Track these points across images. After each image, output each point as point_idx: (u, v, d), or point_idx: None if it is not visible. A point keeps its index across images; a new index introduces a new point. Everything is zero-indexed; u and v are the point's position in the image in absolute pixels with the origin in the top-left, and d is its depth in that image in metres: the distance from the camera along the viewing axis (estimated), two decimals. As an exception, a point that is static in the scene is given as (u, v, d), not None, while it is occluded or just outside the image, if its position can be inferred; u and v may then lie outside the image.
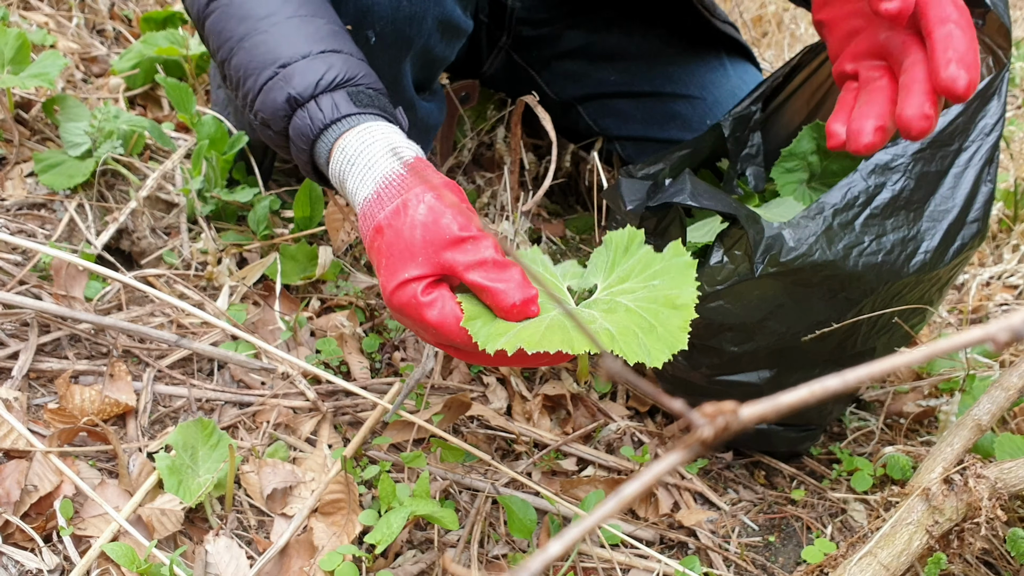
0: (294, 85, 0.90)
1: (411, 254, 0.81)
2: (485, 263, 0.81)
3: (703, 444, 0.28)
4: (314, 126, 0.90)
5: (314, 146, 0.91)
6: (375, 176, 0.86)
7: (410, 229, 0.81)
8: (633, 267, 0.89)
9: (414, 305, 0.81)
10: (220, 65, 0.98)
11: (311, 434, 1.16)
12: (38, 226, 1.32)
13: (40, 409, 1.07)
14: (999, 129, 1.03)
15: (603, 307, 0.86)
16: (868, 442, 1.35)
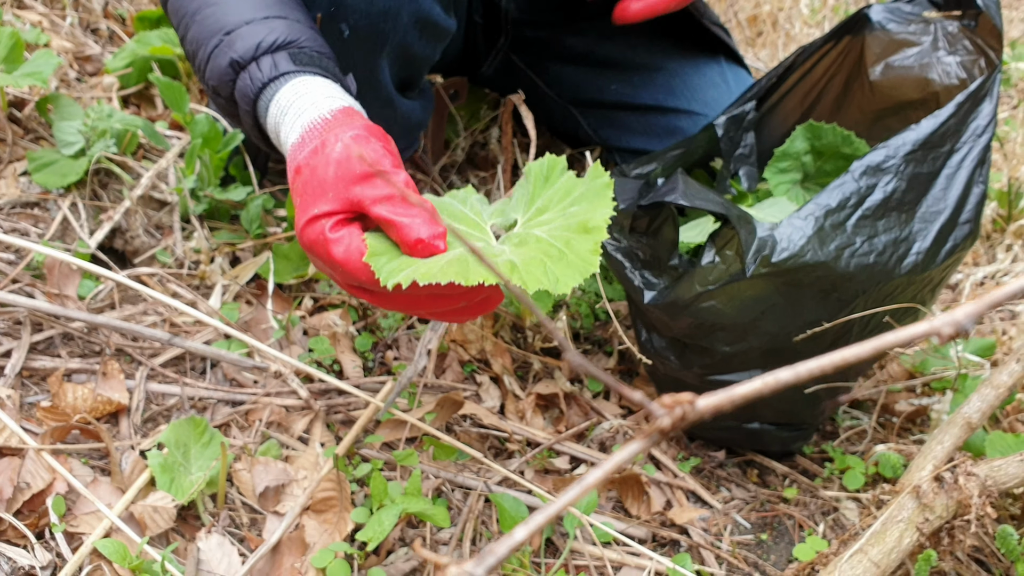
0: (236, 49, 0.93)
1: (323, 191, 0.82)
2: (393, 198, 0.80)
3: (662, 433, 0.29)
4: (253, 85, 0.92)
5: (255, 106, 0.93)
6: (302, 122, 0.87)
7: (324, 166, 0.82)
8: (552, 196, 0.88)
9: (321, 242, 0.81)
10: (181, 43, 1.01)
11: (303, 432, 1.16)
12: (31, 225, 1.32)
13: (33, 407, 1.07)
14: (991, 130, 1.04)
15: (515, 241, 0.84)
16: (861, 441, 1.36)
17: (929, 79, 1.13)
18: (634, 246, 1.11)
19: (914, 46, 1.15)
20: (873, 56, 1.18)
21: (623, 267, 1.11)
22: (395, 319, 1.34)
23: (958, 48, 1.12)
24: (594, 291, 1.49)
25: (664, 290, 1.08)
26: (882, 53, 1.17)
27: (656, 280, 1.10)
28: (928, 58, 1.14)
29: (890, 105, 1.19)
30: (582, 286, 1.47)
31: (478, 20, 1.55)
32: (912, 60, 1.15)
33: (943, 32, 1.14)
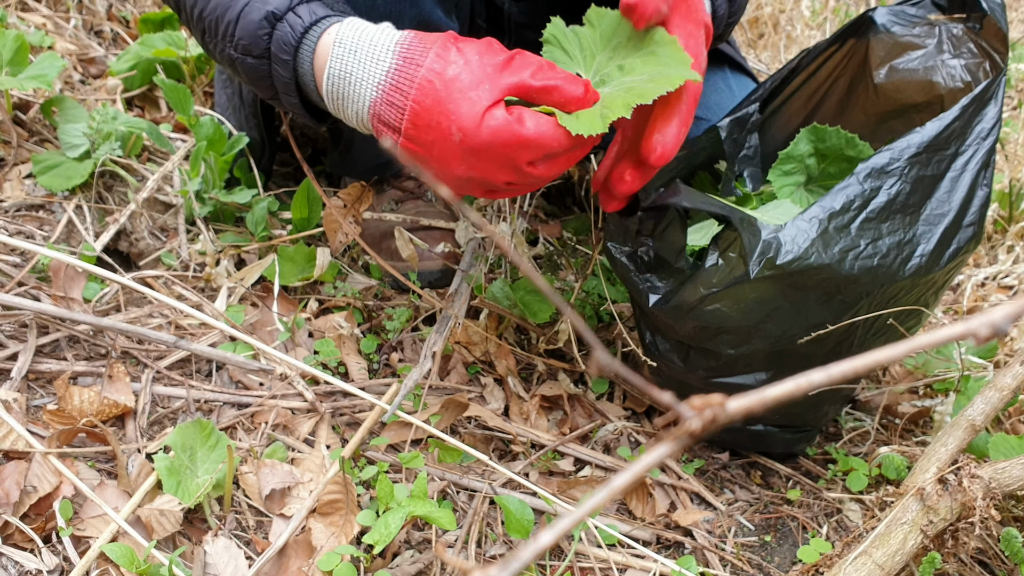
0: (269, 3, 0.93)
1: (477, 86, 0.84)
2: (540, 68, 0.87)
3: (691, 436, 0.29)
4: (294, 32, 0.92)
5: (297, 55, 0.93)
6: (389, 46, 0.89)
7: (467, 65, 0.85)
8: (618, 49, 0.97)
9: (507, 126, 0.84)
10: (198, 18, 1.01)
11: (309, 435, 1.16)
12: (36, 227, 1.32)
13: (39, 410, 1.07)
14: (995, 133, 1.04)
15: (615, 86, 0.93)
16: (864, 442, 1.36)
17: (934, 82, 1.14)
18: (639, 249, 1.11)
19: (919, 49, 1.15)
20: (877, 59, 1.18)
21: (628, 270, 1.12)
22: (400, 321, 1.35)
23: (963, 51, 1.13)
24: (597, 293, 1.50)
25: (669, 293, 1.08)
26: (886, 56, 1.17)
27: (661, 283, 1.10)
28: (933, 61, 1.14)
29: (894, 108, 1.20)
30: (585, 288, 1.47)
31: (481, 23, 1.55)
32: (917, 63, 1.15)
33: (948, 35, 1.14)
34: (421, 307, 1.39)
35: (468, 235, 1.48)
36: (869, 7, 2.92)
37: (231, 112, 1.46)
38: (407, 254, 1.36)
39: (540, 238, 1.63)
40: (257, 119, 1.40)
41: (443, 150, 0.86)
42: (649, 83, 0.88)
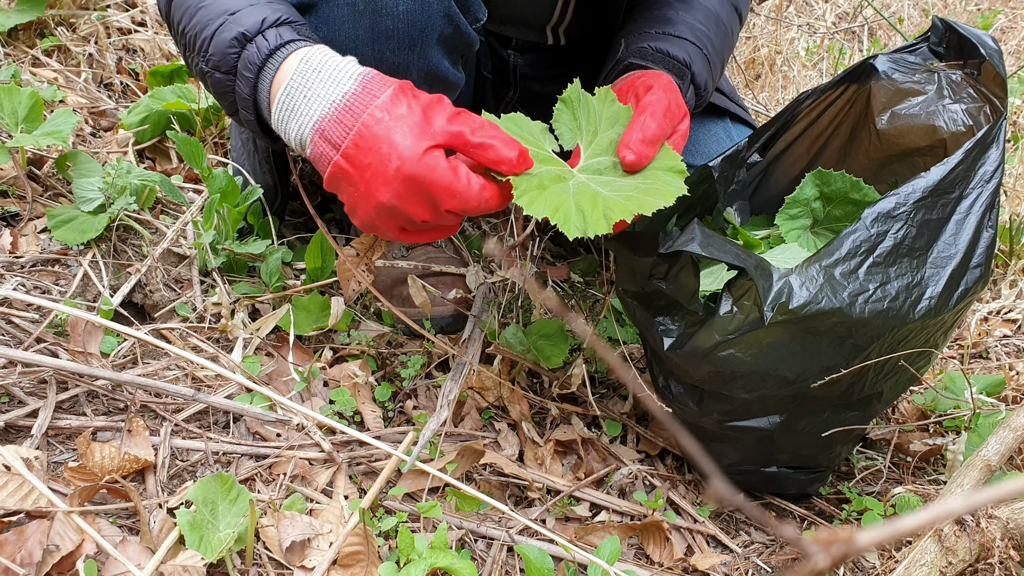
0: (241, 24, 1.00)
1: (423, 126, 0.92)
2: (484, 126, 0.94)
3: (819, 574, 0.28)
4: (260, 53, 0.99)
5: (260, 73, 1.00)
6: (353, 74, 0.96)
7: (417, 108, 0.93)
8: (598, 121, 1.06)
9: (442, 169, 0.91)
10: (181, 33, 1.08)
11: (327, 485, 1.16)
12: (52, 282, 1.33)
13: (60, 467, 1.08)
14: (998, 176, 1.06)
15: (594, 169, 1.02)
16: (876, 481, 1.37)
17: (936, 126, 1.16)
18: (651, 292, 1.13)
19: (920, 95, 1.17)
20: (879, 105, 1.21)
21: (641, 313, 1.13)
22: (414, 368, 1.36)
23: (963, 96, 1.15)
24: (608, 335, 1.51)
25: (682, 337, 1.09)
26: (888, 102, 1.19)
27: (674, 326, 1.11)
28: (934, 106, 1.16)
29: (897, 152, 1.22)
30: (597, 330, 1.48)
31: (487, 75, 1.58)
32: (918, 108, 1.17)
33: (947, 81, 1.16)
34: (434, 353, 1.40)
35: (479, 280, 1.49)
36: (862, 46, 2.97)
37: (245, 157, 1.48)
38: (420, 301, 1.38)
39: (548, 281, 1.64)
40: (270, 164, 1.43)
41: (376, 174, 0.92)
42: (647, 195, 0.96)
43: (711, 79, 1.27)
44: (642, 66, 1.22)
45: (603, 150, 1.04)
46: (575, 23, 1.51)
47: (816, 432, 1.18)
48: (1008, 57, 3.21)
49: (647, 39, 1.24)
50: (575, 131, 1.05)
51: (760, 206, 1.37)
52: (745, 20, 1.45)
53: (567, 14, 1.48)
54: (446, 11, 1.16)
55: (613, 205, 0.94)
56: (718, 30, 1.30)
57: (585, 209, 0.93)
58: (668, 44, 1.23)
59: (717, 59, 1.29)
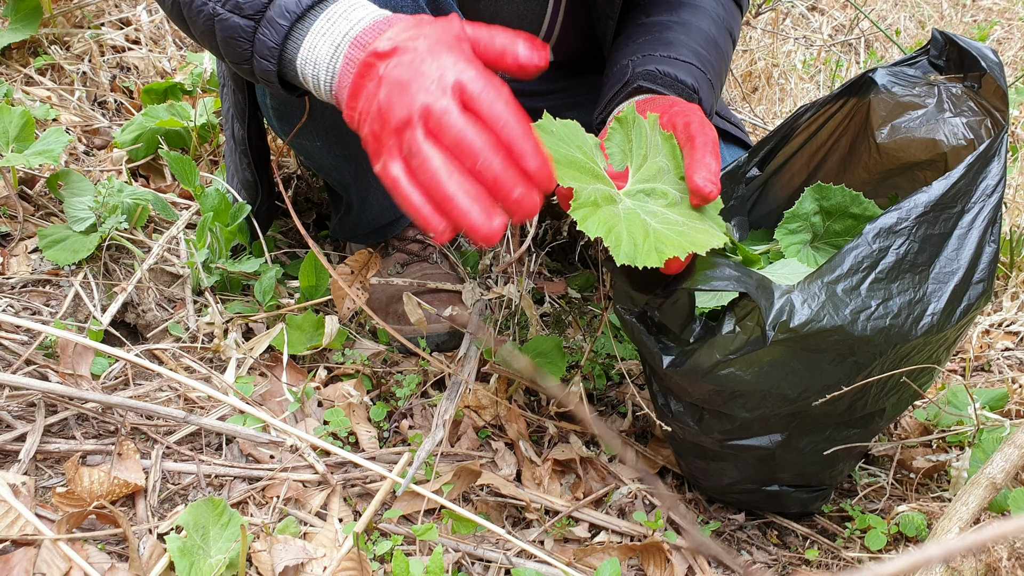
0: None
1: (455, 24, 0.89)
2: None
3: None
4: (299, 4, 0.93)
5: (294, 24, 0.94)
6: (387, 12, 0.93)
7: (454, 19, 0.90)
8: (647, 145, 1.04)
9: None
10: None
11: (321, 508, 1.14)
12: (43, 303, 1.31)
13: (48, 492, 1.06)
14: (1000, 190, 1.05)
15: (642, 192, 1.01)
16: (879, 498, 1.35)
17: (936, 140, 1.15)
18: (649, 311, 1.11)
19: (920, 108, 1.16)
20: (879, 119, 1.19)
21: (639, 331, 1.11)
22: (410, 387, 1.34)
23: (963, 109, 1.14)
24: (606, 352, 1.49)
25: (682, 355, 1.08)
26: (888, 116, 1.18)
27: (673, 344, 1.09)
28: (934, 120, 1.15)
29: (897, 166, 1.21)
30: (595, 348, 1.47)
31: None
32: (918, 122, 1.16)
33: (948, 94, 1.15)
34: (430, 371, 1.39)
35: (475, 296, 1.48)
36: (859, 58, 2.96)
37: (228, 155, 1.46)
38: (415, 319, 1.36)
39: (546, 296, 1.63)
40: (248, 158, 1.38)
41: (411, 54, 0.86)
42: (697, 233, 0.96)
43: (714, 104, 1.26)
44: (652, 90, 1.20)
45: (651, 176, 1.03)
46: (564, 41, 1.50)
47: (818, 450, 1.16)
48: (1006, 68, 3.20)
49: (653, 62, 1.23)
50: (626, 153, 1.03)
51: (759, 220, 1.35)
52: (737, 43, 1.45)
53: (555, 31, 1.47)
54: None
55: (664, 239, 0.93)
56: (717, 55, 1.30)
57: (637, 238, 0.92)
58: (675, 68, 1.22)
59: (718, 83, 1.29)
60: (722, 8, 1.37)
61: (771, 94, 2.30)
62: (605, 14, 1.36)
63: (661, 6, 1.35)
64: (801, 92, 2.32)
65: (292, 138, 1.29)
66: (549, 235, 1.72)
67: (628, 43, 1.31)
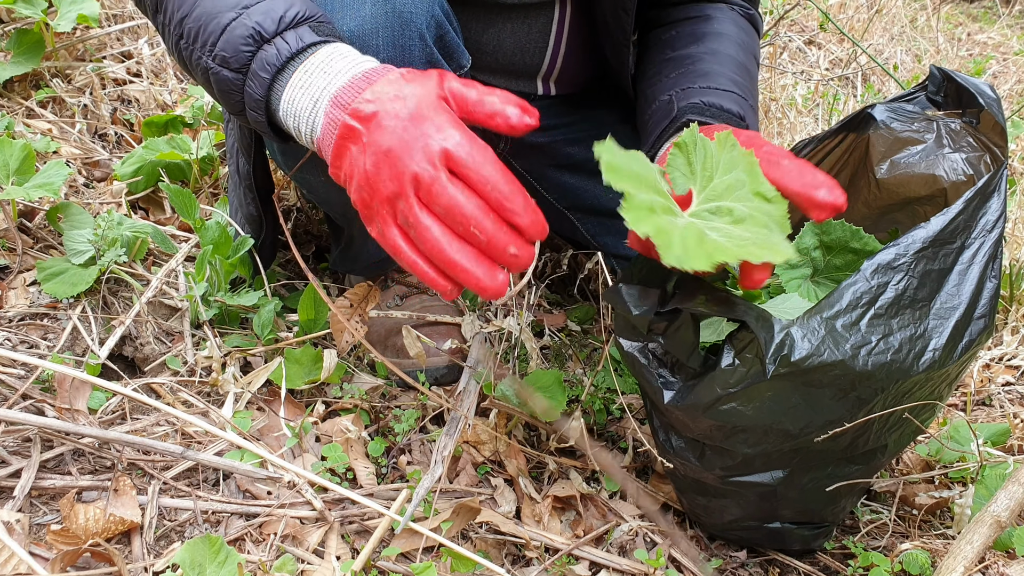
0: (257, 21, 0.96)
1: (439, 83, 0.90)
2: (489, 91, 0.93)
3: None
4: (280, 56, 0.94)
5: (277, 75, 0.95)
6: (375, 61, 0.94)
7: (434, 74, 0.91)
8: (709, 164, 1.02)
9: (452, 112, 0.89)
10: (178, 23, 1.03)
11: (319, 545, 1.13)
12: (40, 336, 1.31)
13: (42, 529, 1.05)
14: (1000, 225, 1.05)
15: (709, 210, 0.99)
16: (882, 535, 1.34)
17: (936, 176, 1.15)
18: (650, 345, 1.10)
19: (919, 144, 1.17)
20: (878, 154, 1.20)
21: (640, 365, 1.11)
22: (408, 422, 1.33)
23: (962, 144, 1.14)
24: (607, 386, 1.49)
25: (683, 390, 1.07)
26: (887, 151, 1.19)
27: (674, 379, 1.09)
28: (934, 155, 1.15)
29: (897, 201, 1.21)
30: (595, 382, 1.46)
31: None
32: (918, 157, 1.16)
33: (946, 129, 1.15)
34: (429, 406, 1.38)
35: (474, 329, 1.47)
36: (856, 92, 2.98)
37: (231, 190, 1.46)
38: (415, 352, 1.36)
39: (545, 329, 1.62)
40: (253, 193, 1.39)
41: (389, 119, 0.87)
42: (755, 246, 0.92)
43: (758, 128, 1.26)
44: (703, 122, 1.20)
45: (718, 195, 1.00)
46: (566, 72, 1.50)
47: (820, 487, 1.15)
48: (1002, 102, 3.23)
49: (696, 95, 1.23)
50: (688, 176, 1.02)
51: (759, 255, 1.35)
52: (760, 66, 1.45)
53: (557, 62, 1.47)
54: (428, 58, 1.16)
55: (719, 247, 0.91)
56: (749, 80, 1.30)
57: (689, 243, 0.89)
58: (719, 98, 1.21)
59: (756, 108, 1.28)
60: (744, 33, 1.37)
61: (770, 127, 2.31)
62: (619, 42, 1.36)
63: (685, 39, 1.35)
64: (801, 125, 2.33)
65: (295, 172, 1.29)
66: (549, 267, 1.72)
67: (661, 79, 1.31)
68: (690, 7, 1.41)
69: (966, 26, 5.03)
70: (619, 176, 0.91)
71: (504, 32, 1.41)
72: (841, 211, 0.99)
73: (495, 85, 1.51)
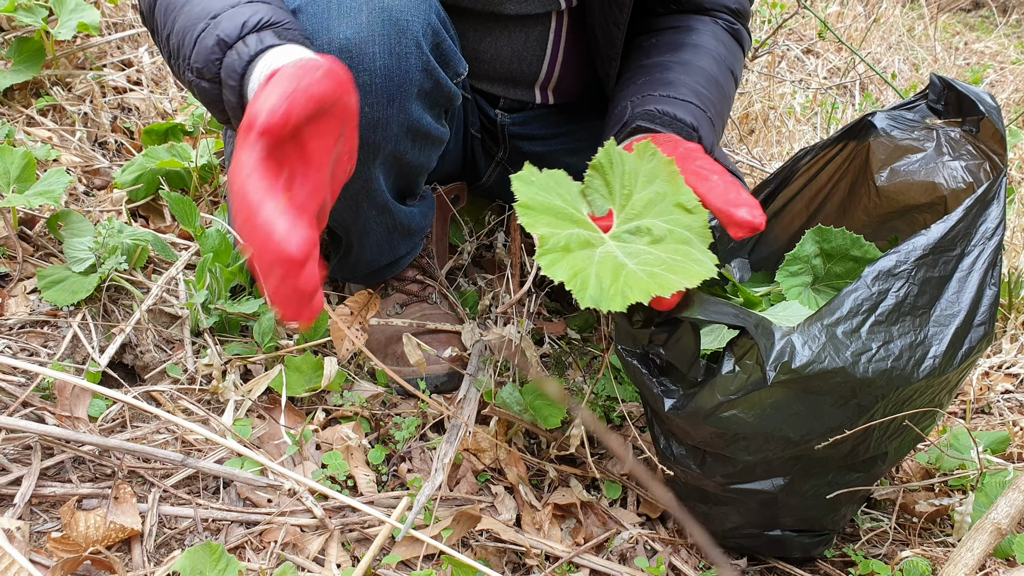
0: (222, 29, 0.96)
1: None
2: None
3: None
4: (240, 60, 0.94)
5: (243, 81, 0.95)
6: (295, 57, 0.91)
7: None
8: (627, 181, 1.02)
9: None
10: (166, 40, 1.04)
11: (319, 553, 1.13)
12: (40, 344, 1.31)
13: (43, 536, 1.04)
14: (1000, 233, 1.05)
15: (628, 231, 1.00)
16: (882, 543, 1.34)
17: (936, 183, 1.15)
18: (651, 353, 1.11)
19: (919, 152, 1.17)
20: (878, 162, 1.20)
21: (641, 373, 1.11)
22: (409, 430, 1.33)
23: (962, 152, 1.15)
24: (607, 394, 1.48)
25: (684, 398, 1.07)
26: (887, 159, 1.19)
27: (675, 387, 1.09)
28: (933, 163, 1.16)
29: (897, 208, 1.21)
30: (596, 390, 1.46)
31: (475, 133, 1.57)
32: (917, 165, 1.17)
33: (946, 138, 1.16)
34: (429, 413, 1.38)
35: (474, 337, 1.47)
36: (854, 100, 2.99)
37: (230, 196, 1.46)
38: (415, 360, 1.36)
39: (545, 337, 1.62)
40: None
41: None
42: (673, 272, 0.93)
43: (715, 142, 1.27)
44: (651, 129, 1.20)
45: (638, 213, 1.01)
46: (564, 81, 1.51)
47: (820, 494, 1.15)
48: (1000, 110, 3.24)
49: (652, 102, 1.23)
50: (607, 196, 1.02)
51: (760, 262, 1.36)
52: (740, 83, 1.45)
53: (555, 72, 1.48)
54: (424, 65, 1.16)
55: (633, 282, 0.91)
56: (718, 93, 1.30)
57: (604, 281, 0.91)
58: (675, 107, 1.22)
59: (719, 122, 1.29)
60: (723, 47, 1.37)
61: (768, 136, 2.32)
62: (608, 56, 1.37)
63: (662, 48, 1.36)
64: (799, 133, 2.34)
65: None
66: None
67: (628, 85, 1.32)
68: (675, 17, 1.42)
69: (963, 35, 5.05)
70: (533, 216, 0.92)
71: (501, 41, 1.42)
72: (759, 231, 1.00)
73: (493, 93, 1.52)
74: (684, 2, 1.41)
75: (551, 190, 0.98)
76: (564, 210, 0.97)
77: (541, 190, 0.98)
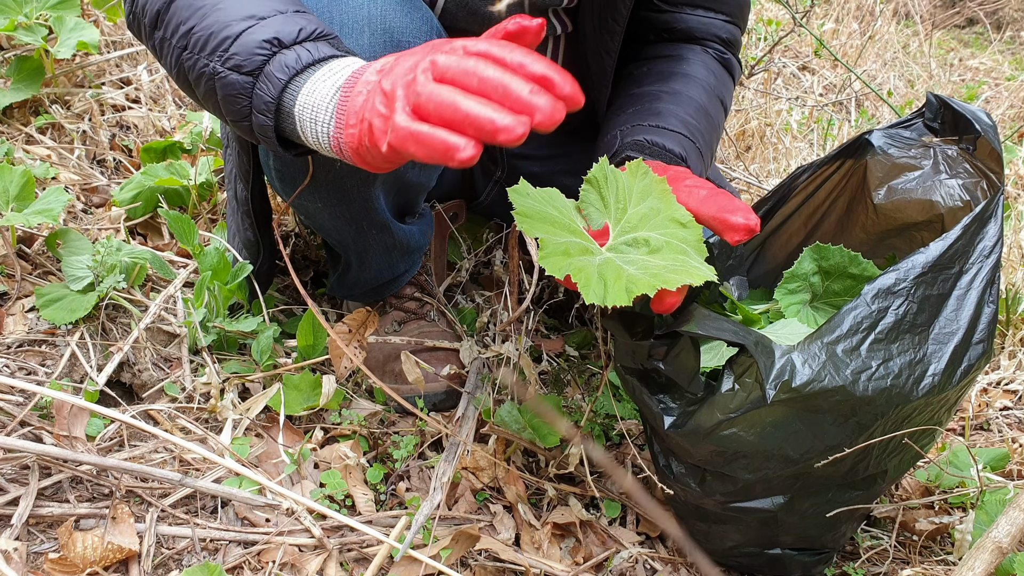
0: (277, 30, 0.95)
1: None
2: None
3: None
4: (300, 60, 0.94)
5: (294, 77, 0.94)
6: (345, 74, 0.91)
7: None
8: (621, 197, 1.03)
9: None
10: (184, 34, 1.02)
11: (317, 573, 1.12)
12: (39, 362, 1.30)
13: (40, 557, 1.04)
14: (998, 251, 1.05)
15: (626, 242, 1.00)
16: (882, 561, 1.33)
17: (933, 201, 1.16)
18: (650, 369, 1.10)
19: (916, 170, 1.17)
20: (876, 180, 1.20)
21: (640, 391, 1.11)
22: (407, 448, 1.33)
23: (959, 171, 1.15)
24: (606, 411, 1.48)
25: (683, 416, 1.07)
26: (885, 177, 1.19)
27: (674, 404, 1.09)
28: (931, 181, 1.16)
29: (894, 227, 1.21)
30: (594, 408, 1.46)
31: None
32: (915, 183, 1.17)
33: (943, 156, 1.16)
34: (427, 432, 1.37)
35: (473, 355, 1.47)
36: (850, 117, 3.01)
37: (229, 215, 1.46)
38: (413, 378, 1.35)
39: (543, 355, 1.62)
40: (251, 219, 1.39)
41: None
42: (672, 273, 0.93)
43: (704, 171, 1.27)
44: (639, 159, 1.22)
45: (633, 225, 1.01)
46: None
47: (820, 512, 1.15)
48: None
49: (642, 132, 1.24)
50: (602, 210, 1.03)
51: (758, 280, 1.36)
52: (729, 112, 1.46)
53: None
54: None
55: (637, 280, 0.92)
56: (708, 123, 1.31)
57: (608, 279, 0.91)
58: (663, 138, 1.23)
59: (708, 151, 1.30)
60: (714, 77, 1.38)
61: (765, 152, 2.33)
62: (599, 82, 1.38)
63: (652, 76, 1.37)
64: (794, 151, 2.35)
65: (294, 199, 1.30)
66: (546, 293, 1.72)
67: (619, 113, 1.32)
68: (666, 46, 1.42)
69: (958, 51, 5.08)
70: (531, 224, 0.93)
71: None
72: (755, 233, 1.00)
73: None
74: (675, 31, 1.42)
75: (547, 204, 0.99)
76: (561, 220, 0.97)
77: (537, 202, 0.98)
